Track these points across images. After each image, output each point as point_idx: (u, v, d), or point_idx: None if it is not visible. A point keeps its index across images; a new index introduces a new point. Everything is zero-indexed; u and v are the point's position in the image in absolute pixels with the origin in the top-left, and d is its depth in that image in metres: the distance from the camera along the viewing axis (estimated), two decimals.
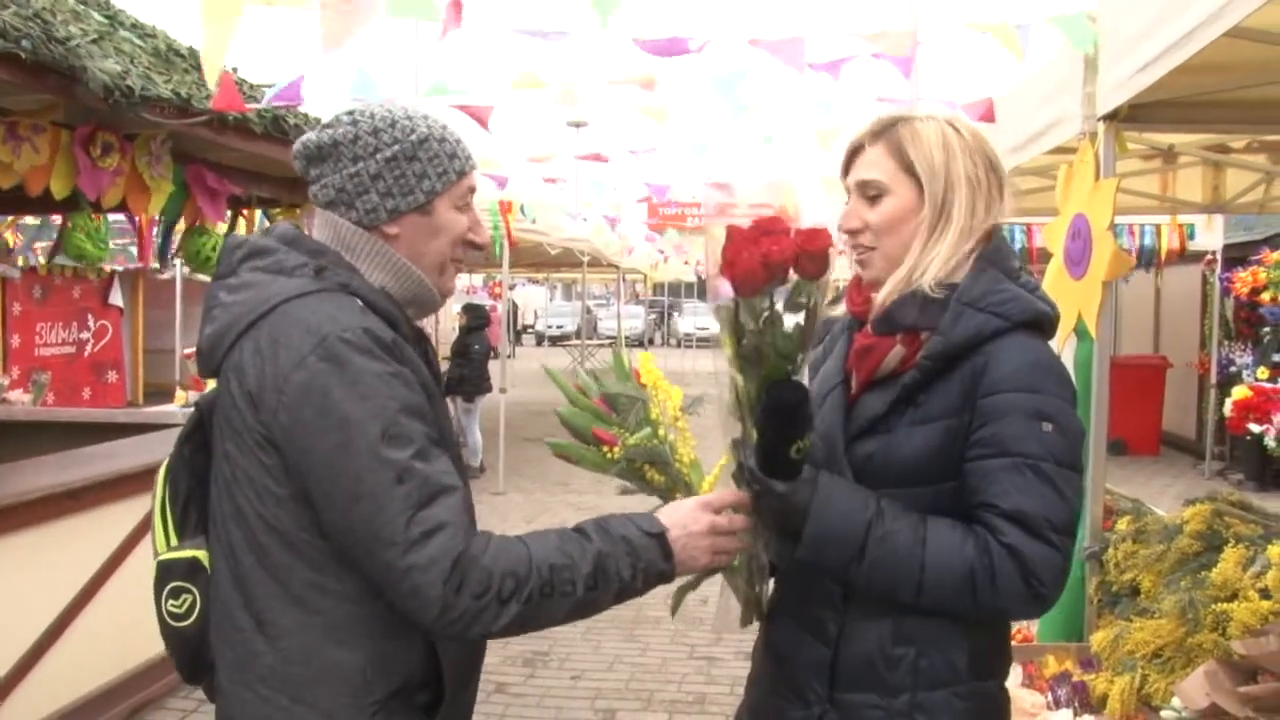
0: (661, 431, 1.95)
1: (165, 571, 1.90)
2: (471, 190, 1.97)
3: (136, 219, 8.70)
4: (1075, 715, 3.33)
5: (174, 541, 1.92)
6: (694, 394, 1.98)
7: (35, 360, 12.72)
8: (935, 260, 1.86)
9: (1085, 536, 4.05)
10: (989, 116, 5.35)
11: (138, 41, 4.85)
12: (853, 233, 1.96)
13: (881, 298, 1.90)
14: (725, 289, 1.79)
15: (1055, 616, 4.17)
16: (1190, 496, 4.15)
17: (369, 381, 1.71)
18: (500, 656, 6.08)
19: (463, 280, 26.47)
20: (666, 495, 1.98)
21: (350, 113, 1.90)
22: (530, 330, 41.53)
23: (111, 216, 7.78)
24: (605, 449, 1.96)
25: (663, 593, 1.94)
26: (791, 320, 1.81)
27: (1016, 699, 3.44)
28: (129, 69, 4.21)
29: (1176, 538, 3.71)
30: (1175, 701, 3.07)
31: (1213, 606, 3.18)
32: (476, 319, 12.64)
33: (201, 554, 1.89)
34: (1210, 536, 3.61)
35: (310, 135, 1.90)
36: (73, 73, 3.90)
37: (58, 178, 4.36)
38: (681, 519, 1.83)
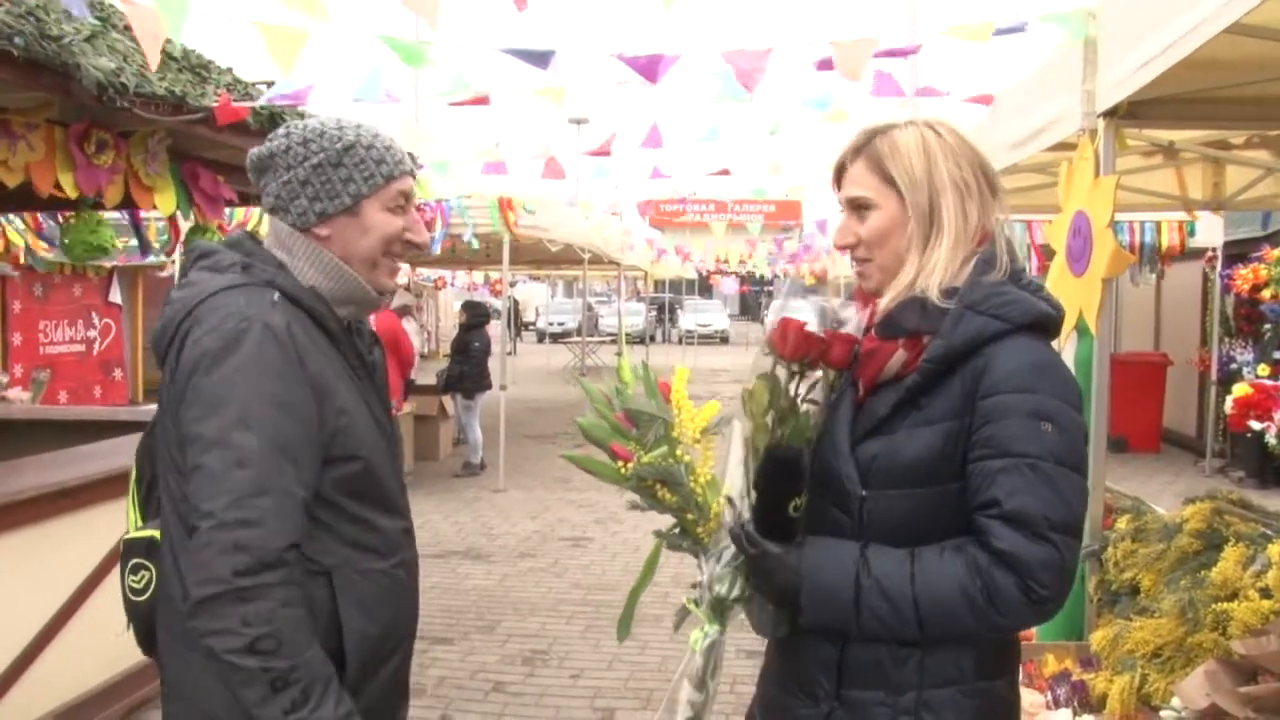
0: (679, 451, 1.98)
1: (128, 549, 2.08)
2: (404, 194, 2.10)
3: (137, 216, 8.71)
4: (1075, 715, 3.32)
5: (140, 523, 2.11)
6: (701, 394, 1.98)
7: (40, 359, 12.71)
8: (936, 267, 1.89)
9: (1085, 535, 4.04)
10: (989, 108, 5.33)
11: (129, 42, 4.84)
12: (847, 247, 2.02)
13: (885, 303, 1.93)
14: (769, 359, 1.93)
15: (1056, 615, 4.16)
16: (1190, 494, 4.14)
17: (245, 369, 1.83)
18: (499, 655, 6.07)
19: (463, 278, 26.45)
20: (679, 514, 1.99)
21: (287, 126, 2.09)
22: (531, 327, 41.55)
23: (111, 215, 7.76)
24: (620, 464, 1.98)
25: (660, 591, 1.95)
26: (811, 411, 1.96)
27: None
28: (123, 66, 4.20)
29: (1176, 536, 3.70)
30: (1175, 701, 3.06)
31: (1213, 606, 3.17)
32: (476, 316, 12.64)
33: (158, 533, 2.03)
34: (1210, 535, 3.60)
35: (254, 149, 2.09)
36: (66, 70, 3.89)
37: (65, 175, 4.36)
38: None
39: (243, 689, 1.76)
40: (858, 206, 1.97)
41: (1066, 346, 4.22)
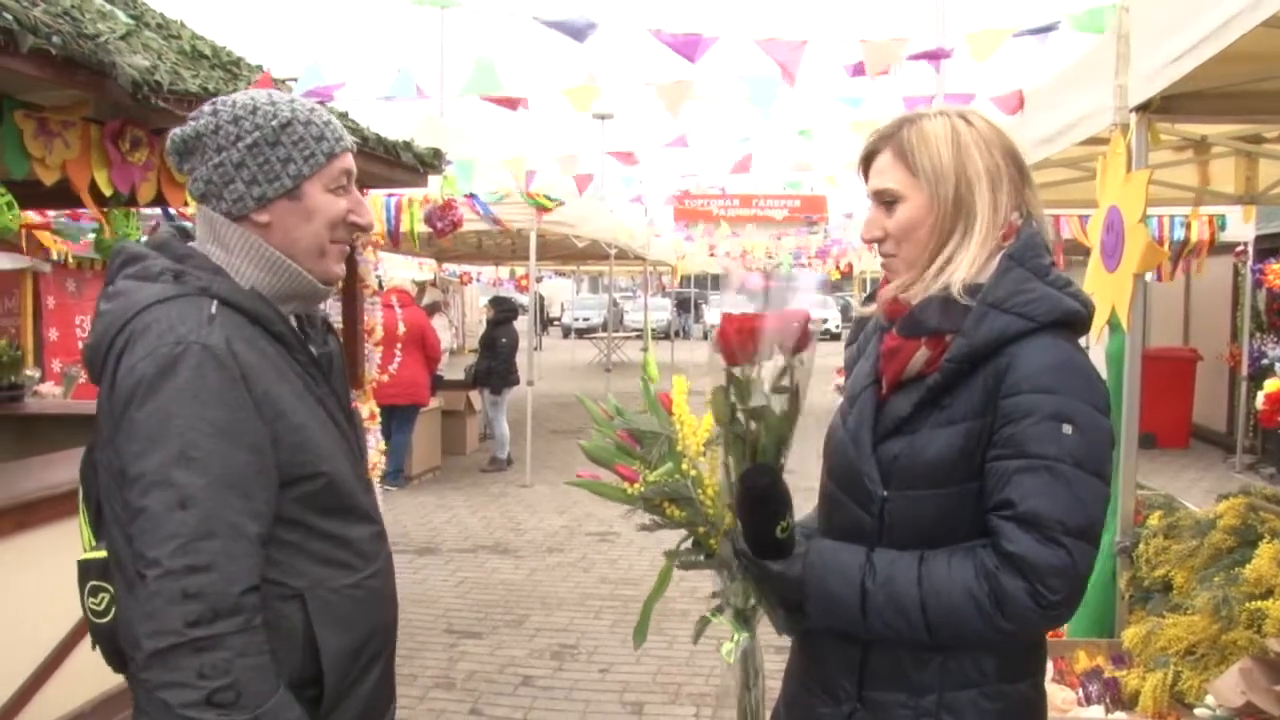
0: (684, 465, 1.96)
1: (84, 571, 1.94)
2: (346, 172, 1.94)
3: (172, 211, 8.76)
4: (1107, 712, 3.30)
5: (92, 542, 1.96)
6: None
7: (79, 354, 12.80)
8: (963, 262, 1.85)
9: (1116, 531, 4.02)
10: (1019, 108, 5.31)
11: (163, 40, 4.88)
12: (875, 241, 1.98)
13: (907, 299, 1.90)
14: (719, 362, 1.87)
15: (1086, 612, 4.15)
16: (1220, 491, 4.12)
17: (183, 397, 1.70)
18: (527, 650, 6.10)
19: (489, 273, 26.49)
20: (690, 528, 1.99)
21: (213, 103, 1.90)
22: (557, 323, 41.59)
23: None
24: (627, 485, 1.97)
25: (687, 586, 1.97)
26: (779, 403, 1.87)
27: (1047, 694, 3.42)
28: (157, 64, 4.23)
29: (1209, 533, 3.67)
30: (1209, 699, 3.04)
31: (1247, 603, 3.14)
32: (503, 312, 12.67)
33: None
34: (1244, 532, 3.58)
35: (176, 130, 1.91)
36: (102, 68, 3.92)
37: (99, 172, 4.39)
38: None
39: None
40: (885, 199, 1.93)
41: (1097, 342, 4.21)
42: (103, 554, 1.89)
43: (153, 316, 1.76)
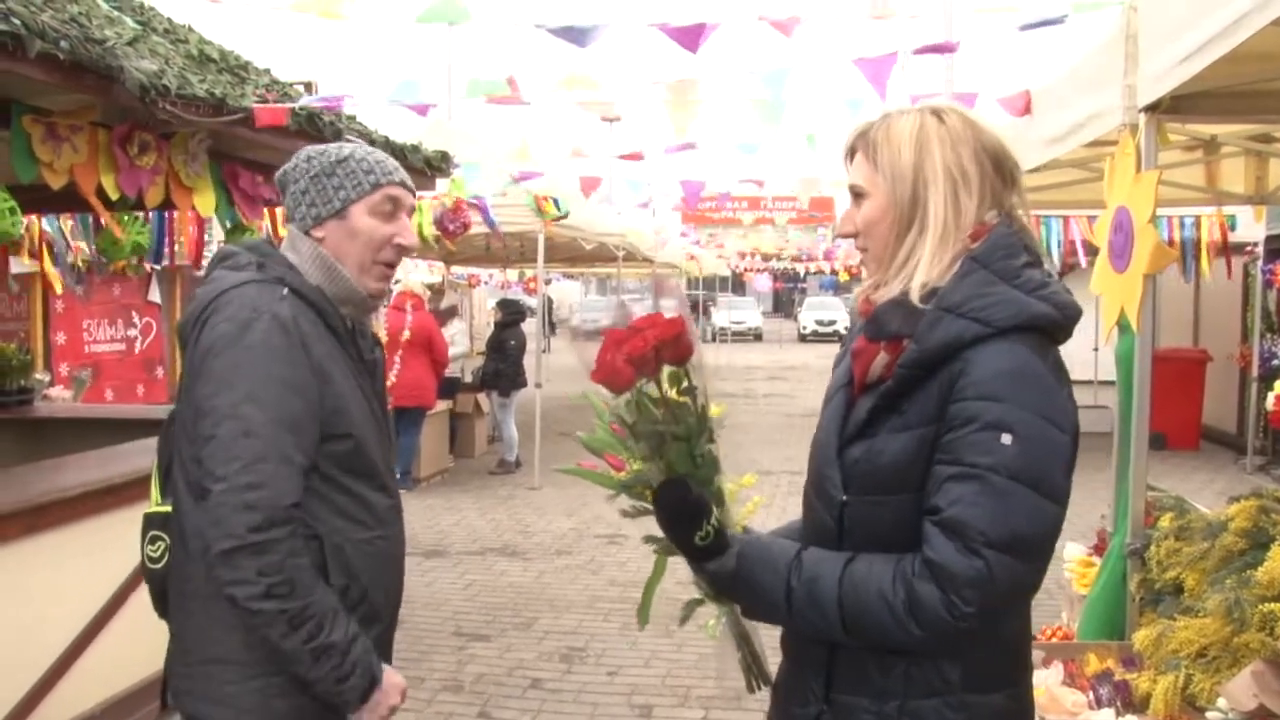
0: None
1: (147, 523, 2.32)
2: (391, 200, 2.32)
3: (169, 221, 8.79)
4: (1118, 715, 3.28)
5: (159, 499, 2.32)
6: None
7: (85, 357, 12.84)
8: (921, 264, 1.82)
9: (1127, 532, 4.01)
10: (1026, 109, 5.29)
11: (170, 45, 4.89)
12: (846, 235, 1.98)
13: (877, 298, 1.88)
14: (605, 394, 1.89)
15: (1096, 614, 4.13)
16: (1231, 492, 4.10)
17: (255, 351, 2.09)
18: (536, 652, 6.10)
19: (498, 276, 26.52)
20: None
21: (302, 151, 2.35)
22: (566, 325, 41.58)
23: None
24: (614, 473, 2.00)
25: (693, 587, 1.98)
26: (682, 412, 1.87)
27: (1057, 697, 3.40)
28: (165, 69, 4.24)
29: (1221, 535, 3.65)
30: (1221, 702, 3.03)
31: (1260, 606, 3.12)
32: (511, 314, 12.67)
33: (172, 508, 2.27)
34: (1256, 534, 3.55)
35: (278, 171, 2.37)
36: (110, 72, 3.93)
37: (107, 177, 4.40)
38: (391, 685, 2.25)
39: (266, 628, 2.05)
40: (855, 194, 1.93)
41: (1107, 343, 4.20)
42: (167, 508, 2.26)
43: (236, 294, 2.16)
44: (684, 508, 1.84)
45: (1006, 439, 1.67)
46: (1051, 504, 1.71)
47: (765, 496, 2.16)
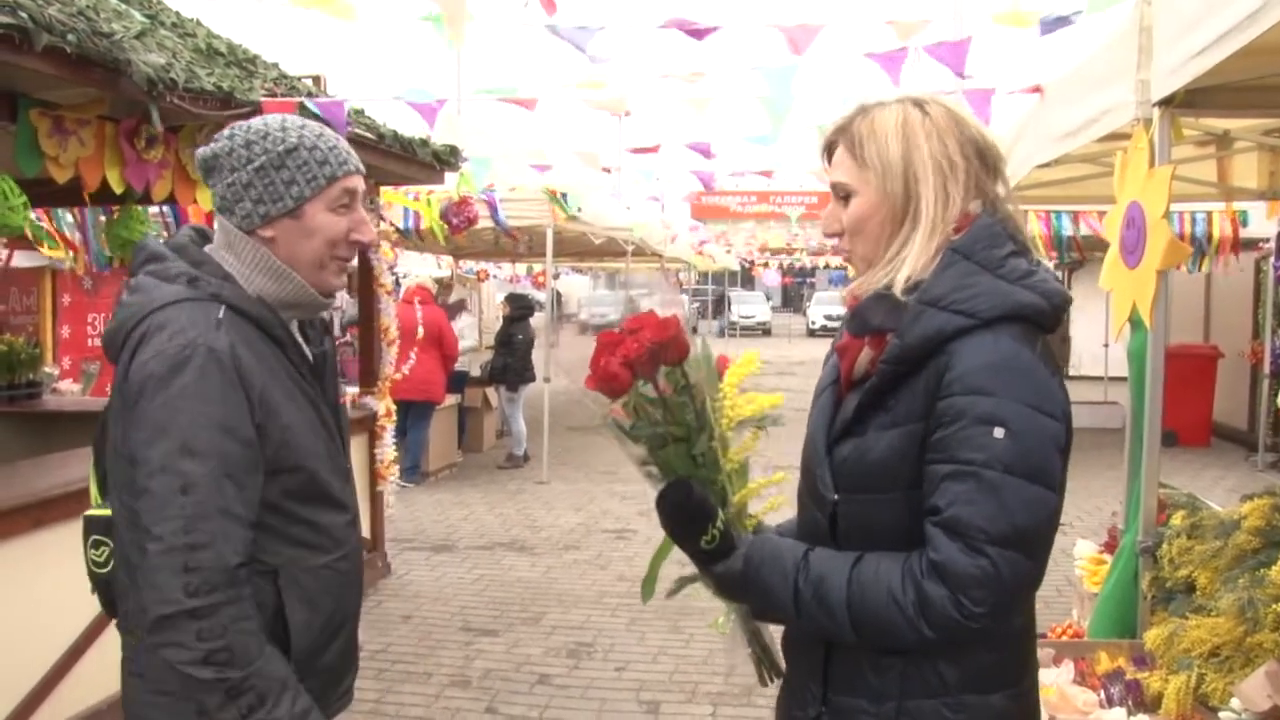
0: (712, 436, 1.92)
1: (88, 526, 2.16)
2: (348, 192, 2.11)
3: (182, 211, 8.78)
4: (1129, 714, 3.26)
5: (99, 499, 2.19)
6: (744, 384, 1.95)
7: (89, 351, 12.87)
8: (908, 258, 1.78)
9: (1139, 530, 3.98)
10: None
11: (178, 38, 4.88)
12: (833, 235, 1.93)
13: (858, 296, 1.85)
14: (603, 400, 1.87)
15: (1108, 612, 4.11)
16: (1242, 490, 4.07)
17: (189, 393, 1.91)
18: (544, 648, 6.08)
19: (506, 270, 26.50)
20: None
21: (232, 127, 2.10)
22: (573, 319, 41.58)
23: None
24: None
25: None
26: (682, 411, 1.87)
27: (1068, 696, 3.38)
28: (172, 62, 4.23)
29: (1234, 533, 3.63)
30: (1234, 702, 3.00)
31: (1273, 605, 3.10)
32: (520, 309, 12.65)
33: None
34: (1269, 533, 3.53)
35: (201, 149, 2.13)
36: (117, 66, 3.92)
37: (112, 170, 4.39)
38: None
39: (202, 696, 1.89)
40: (840, 193, 1.87)
41: (1118, 339, 4.17)
42: (107, 512, 2.10)
43: (167, 316, 1.96)
44: (688, 511, 1.83)
45: (999, 433, 1.65)
46: (1049, 493, 1.69)
47: (785, 495, 2.11)
